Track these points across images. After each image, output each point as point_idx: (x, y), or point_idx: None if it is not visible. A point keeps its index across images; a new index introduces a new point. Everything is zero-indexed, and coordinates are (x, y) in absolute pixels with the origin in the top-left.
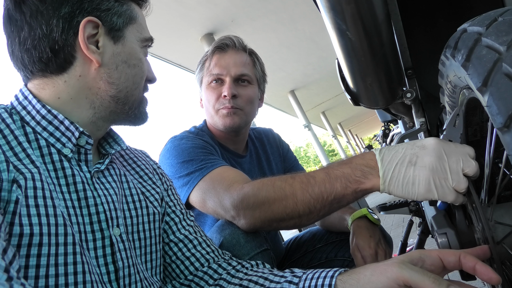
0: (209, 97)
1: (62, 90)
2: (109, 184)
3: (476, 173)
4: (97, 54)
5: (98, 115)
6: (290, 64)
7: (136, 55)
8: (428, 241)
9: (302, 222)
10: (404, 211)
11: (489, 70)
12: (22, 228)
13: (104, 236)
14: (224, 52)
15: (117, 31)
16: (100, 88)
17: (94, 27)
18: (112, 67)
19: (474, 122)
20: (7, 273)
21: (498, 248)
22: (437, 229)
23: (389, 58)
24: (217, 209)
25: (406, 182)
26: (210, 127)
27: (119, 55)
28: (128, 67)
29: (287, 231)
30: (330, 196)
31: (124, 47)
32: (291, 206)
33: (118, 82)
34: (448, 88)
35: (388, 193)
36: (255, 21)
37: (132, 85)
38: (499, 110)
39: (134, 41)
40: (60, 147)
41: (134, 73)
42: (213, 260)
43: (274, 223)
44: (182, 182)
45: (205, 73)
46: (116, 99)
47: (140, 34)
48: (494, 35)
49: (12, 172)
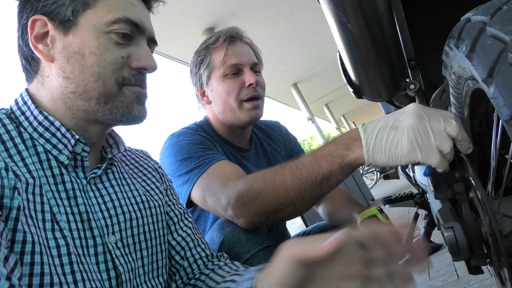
0: (230, 88)
1: (42, 93)
2: (105, 190)
3: (459, 132)
4: (47, 51)
5: (77, 116)
6: (292, 57)
7: (91, 43)
8: (434, 232)
9: (297, 209)
10: (409, 203)
11: (495, 60)
12: (26, 235)
13: (100, 243)
14: (235, 43)
15: (68, 22)
16: (61, 85)
17: (43, 25)
18: (63, 61)
19: (479, 113)
20: (8, 281)
21: (505, 241)
22: (443, 222)
23: (391, 49)
24: (216, 208)
25: (389, 146)
26: (215, 123)
27: (70, 47)
28: (82, 57)
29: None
30: (318, 176)
31: (75, 36)
32: (282, 194)
33: (72, 76)
34: (453, 79)
35: (373, 164)
36: (256, 14)
37: (90, 76)
38: (505, 101)
39: (90, 27)
40: (57, 154)
41: (90, 63)
42: (203, 265)
43: (270, 215)
44: (182, 181)
45: (216, 66)
46: (78, 95)
47: (102, 18)
48: (499, 24)
49: (12, 179)
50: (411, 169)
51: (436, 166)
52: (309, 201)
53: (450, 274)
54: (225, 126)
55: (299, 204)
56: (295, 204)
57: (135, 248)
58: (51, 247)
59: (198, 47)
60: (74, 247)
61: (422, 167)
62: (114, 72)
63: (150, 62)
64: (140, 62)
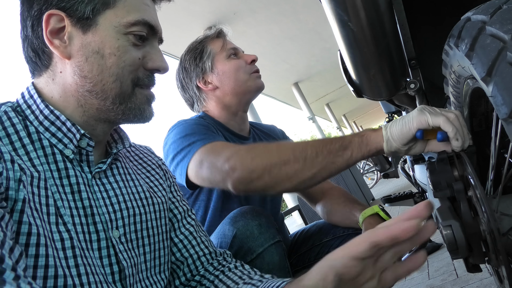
0: (237, 65)
1: (52, 88)
2: (110, 185)
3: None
4: (63, 48)
5: (88, 114)
6: (293, 56)
7: (112, 43)
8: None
9: (297, 170)
10: (409, 202)
11: (494, 59)
12: (31, 227)
13: (104, 237)
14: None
15: (87, 20)
16: (77, 83)
17: (60, 20)
18: (82, 59)
19: (479, 112)
20: (14, 272)
21: (503, 239)
22: (442, 221)
23: (392, 49)
24: (211, 172)
25: (402, 121)
26: (217, 111)
27: (89, 45)
28: (101, 57)
29: (292, 224)
30: (332, 146)
31: (95, 35)
32: (287, 153)
33: (90, 75)
34: (452, 78)
35: (390, 138)
36: (257, 13)
37: (109, 77)
38: (503, 100)
39: (110, 27)
40: (62, 148)
41: (110, 64)
42: (207, 263)
43: (274, 168)
44: (183, 154)
45: (217, 53)
46: (94, 94)
47: (121, 19)
48: (499, 23)
49: (18, 171)
50: (411, 168)
51: (442, 125)
52: (312, 162)
53: (450, 273)
54: (228, 111)
55: (301, 164)
56: (297, 163)
57: (137, 244)
58: (55, 240)
59: (187, 49)
60: (78, 241)
61: (422, 166)
62: (130, 73)
63: (164, 64)
64: (155, 63)
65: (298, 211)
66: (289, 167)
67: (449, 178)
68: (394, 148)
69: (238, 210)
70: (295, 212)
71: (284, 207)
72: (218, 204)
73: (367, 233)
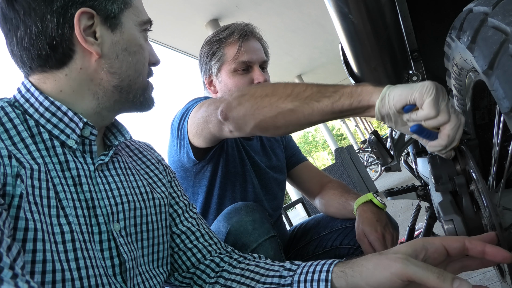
0: (239, 84)
1: (63, 83)
2: (112, 178)
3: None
4: (96, 46)
5: (102, 105)
6: (297, 48)
7: (136, 41)
8: (436, 225)
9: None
10: (411, 196)
11: (495, 52)
12: (28, 222)
13: (105, 230)
14: (248, 40)
15: (113, 19)
16: (102, 79)
17: (89, 18)
18: (113, 57)
19: (482, 105)
20: (12, 270)
21: (506, 234)
22: (444, 215)
23: (393, 41)
24: (207, 109)
25: (410, 85)
26: None
27: (118, 44)
28: (129, 55)
29: (296, 216)
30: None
31: (123, 34)
32: (280, 84)
33: (120, 71)
34: (455, 70)
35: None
36: (260, 5)
37: (135, 73)
38: (505, 93)
39: (132, 26)
40: (65, 139)
41: (135, 61)
42: (215, 252)
43: (257, 97)
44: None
45: (227, 60)
46: (119, 89)
47: (138, 18)
48: (501, 15)
49: (15, 166)
50: (414, 161)
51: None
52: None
53: None
54: None
55: (285, 95)
56: (282, 93)
57: (136, 238)
58: (55, 233)
59: (210, 37)
60: (80, 233)
61: (424, 159)
62: (146, 68)
63: (158, 57)
64: (154, 57)
65: (302, 203)
66: (274, 98)
67: (451, 172)
68: (385, 109)
69: (232, 206)
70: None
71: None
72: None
73: (466, 237)
